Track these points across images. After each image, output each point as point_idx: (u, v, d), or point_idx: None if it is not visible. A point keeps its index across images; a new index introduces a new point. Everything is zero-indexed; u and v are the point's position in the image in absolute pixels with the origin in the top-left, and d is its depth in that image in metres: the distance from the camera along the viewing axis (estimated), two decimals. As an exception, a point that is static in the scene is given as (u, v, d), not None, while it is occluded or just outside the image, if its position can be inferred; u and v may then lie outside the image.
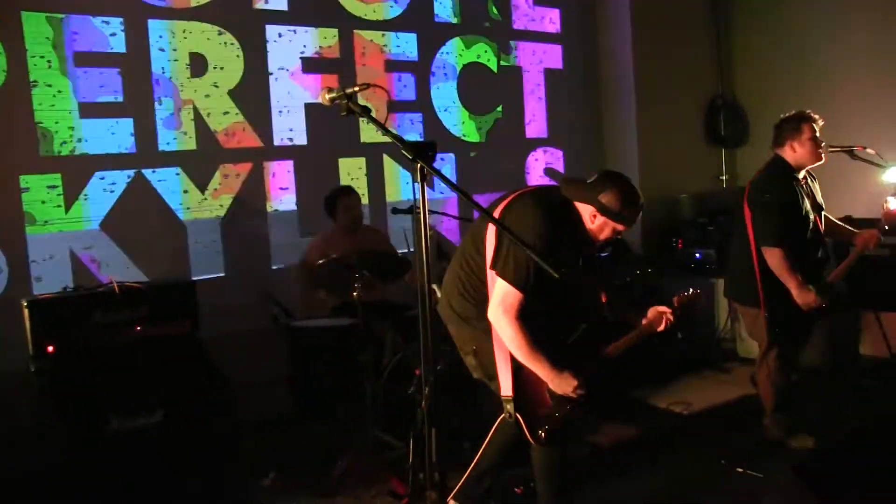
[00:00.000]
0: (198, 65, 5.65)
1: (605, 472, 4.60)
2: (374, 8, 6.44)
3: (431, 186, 6.35)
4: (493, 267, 3.29)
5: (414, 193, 2.39)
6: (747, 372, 6.25)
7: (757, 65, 8.12)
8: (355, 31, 6.34)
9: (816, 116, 4.59)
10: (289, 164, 6.07)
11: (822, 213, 4.73)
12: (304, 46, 6.10)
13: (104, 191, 5.32)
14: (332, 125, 6.05)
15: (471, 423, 4.45)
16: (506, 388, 3.34)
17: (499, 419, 3.43)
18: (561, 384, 3.33)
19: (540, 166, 7.55)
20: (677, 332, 6.26)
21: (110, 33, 5.30)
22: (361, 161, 6.39)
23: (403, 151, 2.37)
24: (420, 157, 2.33)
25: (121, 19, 5.34)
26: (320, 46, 6.18)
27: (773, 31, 7.88)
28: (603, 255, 6.65)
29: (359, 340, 4.66)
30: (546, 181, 7.49)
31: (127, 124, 5.39)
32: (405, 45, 6.63)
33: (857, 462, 2.82)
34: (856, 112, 6.95)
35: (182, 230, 5.63)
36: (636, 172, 7.65)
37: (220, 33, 5.71)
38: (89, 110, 5.26)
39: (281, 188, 6.05)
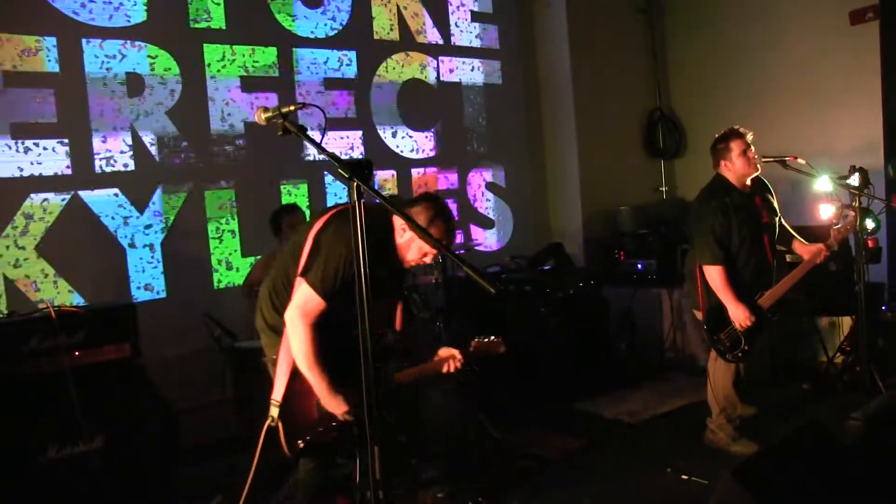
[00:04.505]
0: (135, 85, 5.59)
1: (552, 484, 4.63)
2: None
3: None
4: (303, 274, 3.32)
5: (352, 212, 2.38)
6: (690, 380, 6.37)
7: (692, 78, 8.30)
8: (294, 48, 6.34)
9: (744, 130, 4.73)
10: (230, 184, 6.02)
11: (777, 218, 4.88)
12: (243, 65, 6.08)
13: (39, 213, 5.23)
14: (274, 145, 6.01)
15: (418, 439, 4.46)
16: (278, 392, 3.36)
17: (265, 424, 3.38)
18: (332, 403, 3.32)
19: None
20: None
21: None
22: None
23: (339, 170, 2.37)
24: (356, 175, 2.33)
25: (54, 39, 5.26)
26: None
27: (708, 46, 8.07)
28: (545, 267, 6.71)
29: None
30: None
31: (62, 146, 5.31)
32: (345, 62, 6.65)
33: (794, 464, 2.88)
34: (787, 122, 7.15)
35: (121, 252, 5.53)
36: (577, 186, 7.77)
37: (157, 52, 5.67)
38: (22, 131, 5.16)
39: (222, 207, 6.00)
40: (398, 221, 3.43)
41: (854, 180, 5.18)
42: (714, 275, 4.65)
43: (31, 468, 3.98)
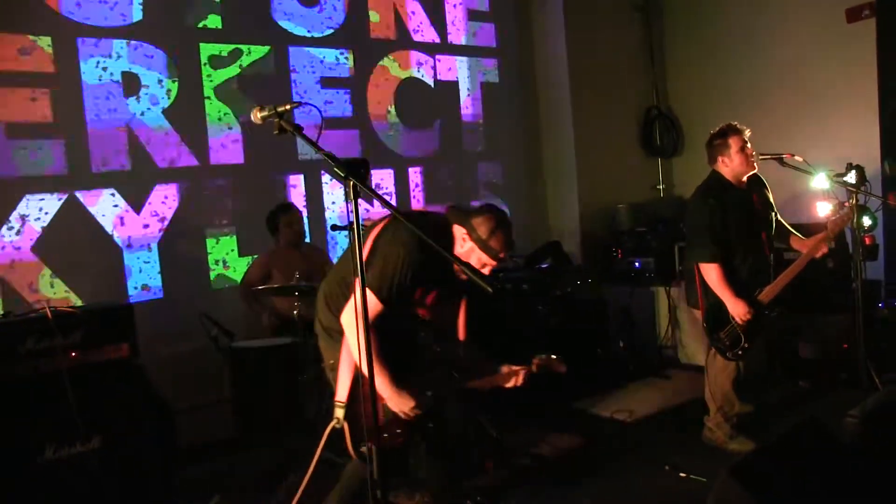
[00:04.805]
0: (131, 84, 5.58)
1: (550, 483, 4.63)
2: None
3: (370, 203, 6.34)
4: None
5: (348, 210, 2.38)
6: (688, 378, 6.38)
7: (690, 76, 8.31)
8: (290, 47, 6.33)
9: (742, 127, 4.73)
10: (227, 183, 6.01)
11: (774, 215, 4.89)
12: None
13: (35, 213, 5.22)
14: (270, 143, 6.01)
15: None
16: (342, 393, 3.35)
17: (329, 425, 3.38)
18: (398, 402, 3.32)
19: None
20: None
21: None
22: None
23: (335, 169, 2.37)
24: (352, 174, 2.33)
25: (49, 38, 5.25)
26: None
27: (705, 44, 8.08)
28: (542, 266, 6.70)
29: (300, 359, 4.63)
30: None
31: (58, 146, 5.29)
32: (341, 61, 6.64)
33: (792, 462, 2.88)
34: (784, 120, 7.16)
35: (118, 252, 5.53)
36: (574, 184, 7.76)
37: (153, 51, 5.66)
38: (16, 131, 5.15)
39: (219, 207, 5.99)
40: (458, 231, 3.44)
41: (851, 177, 5.19)
42: (711, 272, 4.64)
43: (29, 469, 3.98)
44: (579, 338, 6.49)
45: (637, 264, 7.29)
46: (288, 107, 2.62)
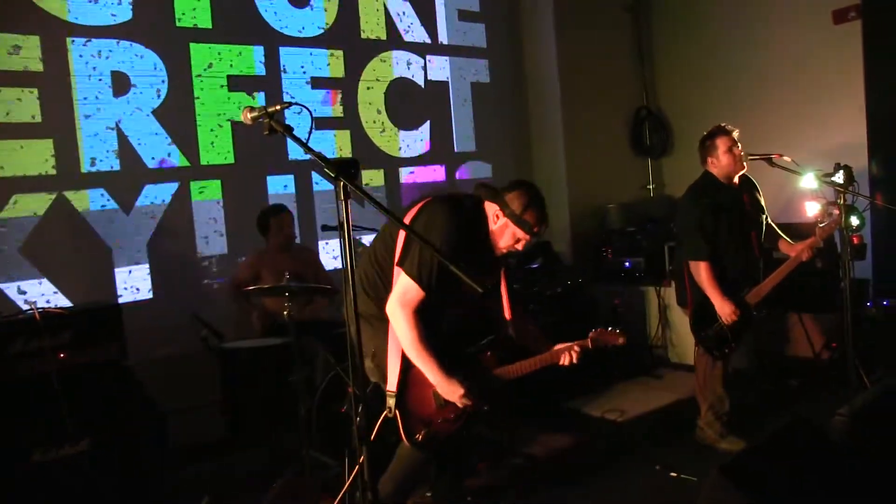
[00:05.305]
0: (120, 84, 5.55)
1: (542, 483, 4.63)
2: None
3: (362, 204, 6.33)
4: (400, 264, 3.34)
5: (338, 210, 2.37)
6: (679, 377, 6.40)
7: (679, 76, 8.32)
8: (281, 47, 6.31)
9: (730, 128, 4.77)
10: (216, 183, 5.99)
11: (764, 216, 4.93)
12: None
13: (24, 213, 5.18)
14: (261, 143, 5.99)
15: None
16: (392, 382, 3.36)
17: (382, 415, 3.38)
18: (448, 389, 3.34)
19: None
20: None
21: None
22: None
23: (325, 169, 2.36)
24: (342, 174, 2.33)
25: (38, 37, 5.21)
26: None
27: (695, 44, 8.10)
28: (533, 266, 6.71)
29: (291, 360, 4.62)
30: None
31: (47, 145, 5.26)
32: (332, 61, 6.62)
33: (783, 461, 2.89)
34: (773, 120, 7.19)
35: (107, 253, 5.50)
36: (564, 183, 7.76)
37: (142, 51, 5.64)
38: (5, 130, 5.11)
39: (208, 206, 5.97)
40: (491, 208, 3.46)
41: (839, 177, 5.20)
42: (700, 270, 4.68)
43: (19, 470, 3.96)
44: (570, 338, 6.46)
45: (627, 264, 7.30)
46: (278, 107, 2.62)
